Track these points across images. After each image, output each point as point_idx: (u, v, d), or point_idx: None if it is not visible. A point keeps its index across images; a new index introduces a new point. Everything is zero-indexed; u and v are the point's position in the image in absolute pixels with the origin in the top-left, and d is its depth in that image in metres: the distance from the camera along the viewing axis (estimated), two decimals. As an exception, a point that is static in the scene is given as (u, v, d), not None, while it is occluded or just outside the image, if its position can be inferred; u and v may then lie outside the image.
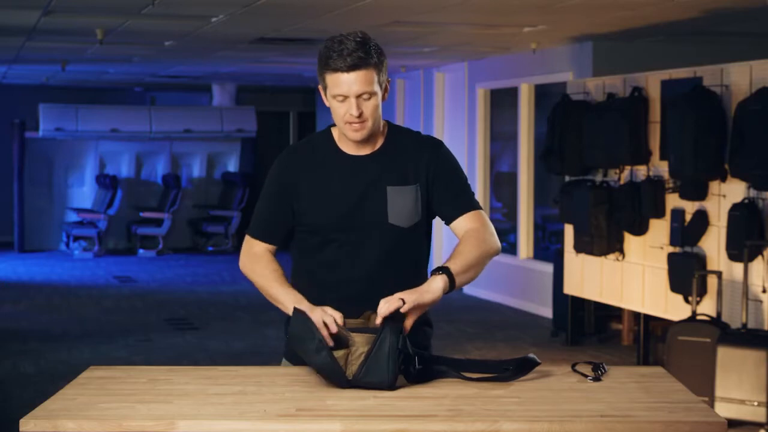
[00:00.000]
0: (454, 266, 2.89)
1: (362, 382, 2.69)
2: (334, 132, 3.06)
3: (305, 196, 3.01)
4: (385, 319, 2.74)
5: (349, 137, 2.97)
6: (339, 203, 2.99)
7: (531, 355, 2.82)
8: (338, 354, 2.72)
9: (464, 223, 3.03)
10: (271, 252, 3.10)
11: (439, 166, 3.04)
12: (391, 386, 2.68)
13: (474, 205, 3.05)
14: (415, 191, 3.01)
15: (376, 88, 2.92)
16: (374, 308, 2.79)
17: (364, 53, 2.88)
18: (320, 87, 2.99)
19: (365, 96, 2.91)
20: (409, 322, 2.78)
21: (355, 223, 2.98)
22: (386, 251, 3.00)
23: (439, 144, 3.09)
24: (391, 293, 2.78)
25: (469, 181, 3.12)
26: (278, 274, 3.04)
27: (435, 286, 2.84)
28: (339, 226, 2.98)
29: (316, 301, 2.89)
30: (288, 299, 2.96)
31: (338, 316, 2.81)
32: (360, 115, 2.91)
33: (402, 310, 2.75)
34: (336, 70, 2.88)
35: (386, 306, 2.74)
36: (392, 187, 3.00)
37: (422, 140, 3.10)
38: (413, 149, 3.06)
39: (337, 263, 3.02)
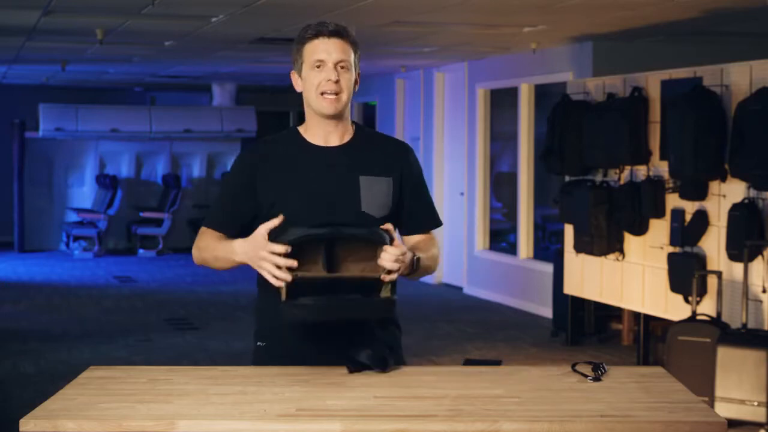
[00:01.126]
0: (422, 264, 2.96)
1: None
2: (301, 128, 3.07)
3: (273, 188, 2.99)
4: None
5: (322, 110, 2.97)
6: (311, 192, 2.98)
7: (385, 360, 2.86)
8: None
9: (420, 236, 3.11)
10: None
11: (413, 175, 3.08)
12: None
13: (435, 225, 3.13)
14: (387, 184, 3.02)
15: (352, 64, 2.97)
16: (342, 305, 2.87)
17: (343, 28, 2.97)
18: (293, 72, 3.02)
19: (342, 64, 2.94)
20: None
21: (327, 212, 2.94)
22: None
23: (410, 148, 3.14)
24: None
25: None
26: (221, 239, 3.00)
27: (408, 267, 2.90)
28: (310, 215, 2.93)
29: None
30: (227, 248, 2.94)
31: (280, 249, 2.79)
32: (337, 82, 2.93)
33: (386, 278, 2.83)
34: (317, 35, 2.94)
35: (392, 264, 2.80)
36: (365, 177, 3.00)
37: (393, 140, 3.15)
38: (384, 145, 3.09)
39: None
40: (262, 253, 2.79)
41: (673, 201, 7.35)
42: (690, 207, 7.17)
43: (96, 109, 15.93)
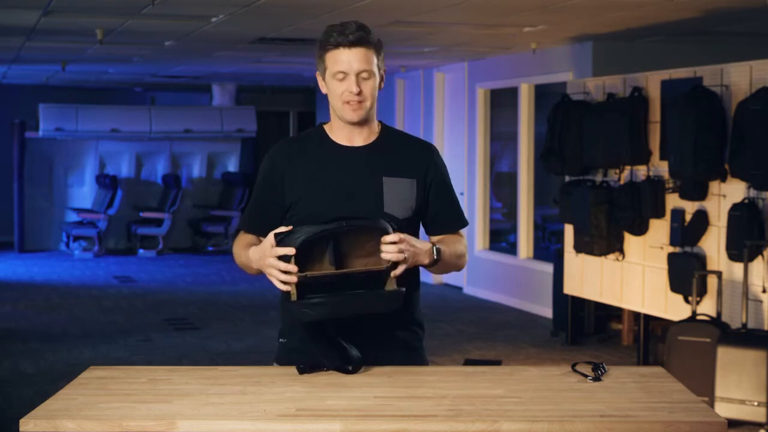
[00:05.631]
0: (445, 255, 2.98)
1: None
2: (326, 127, 3.09)
3: (299, 186, 3.01)
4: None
5: (346, 117, 2.99)
6: (334, 192, 2.99)
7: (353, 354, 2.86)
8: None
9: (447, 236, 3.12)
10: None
11: (437, 175, 3.08)
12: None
13: (462, 225, 3.13)
14: (411, 185, 3.03)
15: (375, 69, 2.98)
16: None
17: (365, 33, 2.97)
18: (318, 74, 3.03)
19: (364, 74, 2.96)
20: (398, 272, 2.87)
21: (350, 212, 2.94)
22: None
23: (435, 149, 3.15)
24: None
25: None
26: (249, 245, 3.04)
27: (427, 257, 2.92)
28: (334, 214, 2.93)
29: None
30: (246, 255, 2.97)
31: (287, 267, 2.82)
32: (359, 93, 2.94)
33: (394, 274, 2.85)
34: (338, 45, 2.94)
35: (394, 255, 2.82)
36: (388, 178, 3.01)
37: (417, 141, 3.15)
38: (408, 146, 3.10)
39: None
40: (269, 260, 2.83)
41: (673, 201, 7.35)
42: (690, 207, 7.17)
43: (96, 109, 15.93)
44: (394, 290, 2.86)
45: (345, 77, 2.95)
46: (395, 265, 2.84)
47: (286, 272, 2.80)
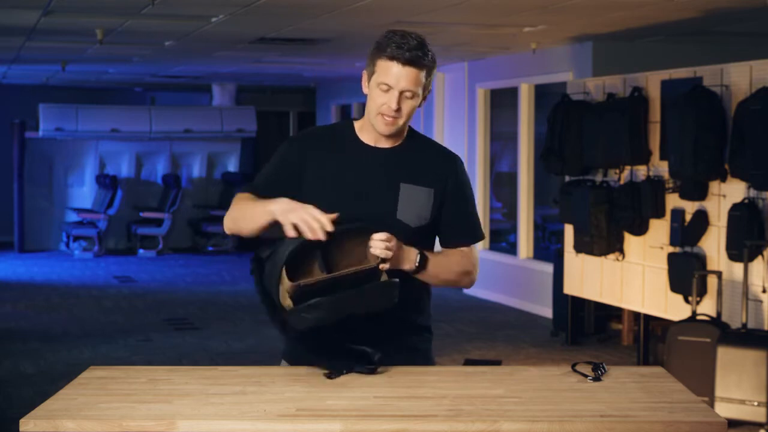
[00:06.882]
0: (431, 266, 2.96)
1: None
2: (356, 123, 3.06)
3: (315, 177, 2.99)
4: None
5: (377, 128, 2.96)
6: (349, 189, 2.97)
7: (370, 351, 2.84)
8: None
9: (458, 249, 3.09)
10: None
11: (458, 186, 3.05)
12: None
13: (475, 238, 3.09)
14: (428, 194, 3.00)
15: (420, 91, 2.93)
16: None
17: (422, 53, 2.91)
18: (365, 72, 2.99)
19: (408, 94, 2.92)
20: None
21: (362, 213, 2.92)
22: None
23: (459, 160, 3.10)
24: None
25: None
26: (255, 198, 3.00)
27: (409, 263, 2.91)
28: (346, 212, 2.89)
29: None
30: (264, 202, 2.93)
31: (325, 221, 2.79)
32: (397, 110, 2.92)
33: (382, 267, 2.84)
34: (392, 58, 2.89)
35: (382, 252, 2.82)
36: (406, 185, 2.99)
37: (443, 150, 3.11)
38: (432, 155, 3.06)
39: None
40: (308, 208, 2.81)
41: (673, 201, 7.35)
42: (690, 207, 7.17)
43: (96, 109, 15.93)
44: (388, 281, 2.83)
45: (389, 90, 2.91)
46: (383, 262, 2.84)
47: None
